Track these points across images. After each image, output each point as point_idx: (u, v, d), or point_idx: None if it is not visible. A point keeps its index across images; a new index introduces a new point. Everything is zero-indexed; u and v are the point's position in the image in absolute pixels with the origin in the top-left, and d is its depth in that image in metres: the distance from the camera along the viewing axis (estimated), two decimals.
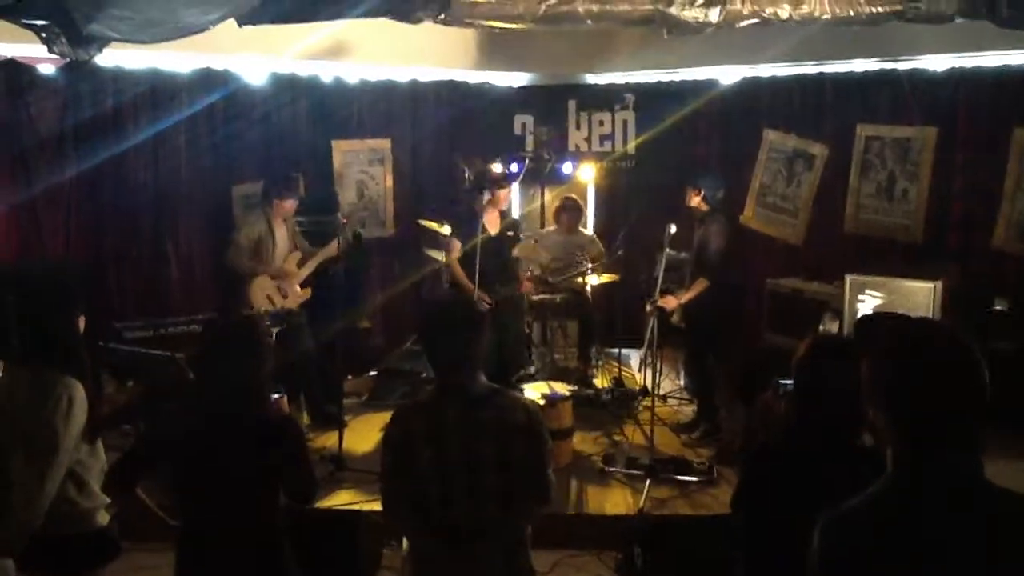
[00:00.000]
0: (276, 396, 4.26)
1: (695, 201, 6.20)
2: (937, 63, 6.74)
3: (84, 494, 3.10)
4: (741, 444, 5.77)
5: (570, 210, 7.62)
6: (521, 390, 5.78)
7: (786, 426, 2.90)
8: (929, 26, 5.48)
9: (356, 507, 5.07)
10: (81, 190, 6.20)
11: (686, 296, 6.16)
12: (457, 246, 6.68)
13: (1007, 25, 5.06)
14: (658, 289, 6.07)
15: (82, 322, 3.18)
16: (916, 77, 6.88)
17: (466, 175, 7.28)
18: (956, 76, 6.68)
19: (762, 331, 7.08)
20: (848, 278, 6.20)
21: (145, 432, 3.04)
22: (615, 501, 5.35)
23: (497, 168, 6.97)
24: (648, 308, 6.40)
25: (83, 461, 3.11)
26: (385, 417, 6.60)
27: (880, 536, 1.75)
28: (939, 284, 5.87)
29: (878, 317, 3.01)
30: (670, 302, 6.21)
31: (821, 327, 5.94)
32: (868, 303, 6.07)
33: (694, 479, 5.54)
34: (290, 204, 6.31)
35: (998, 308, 6.06)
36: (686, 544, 4.60)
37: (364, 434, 6.16)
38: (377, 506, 4.96)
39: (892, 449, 1.84)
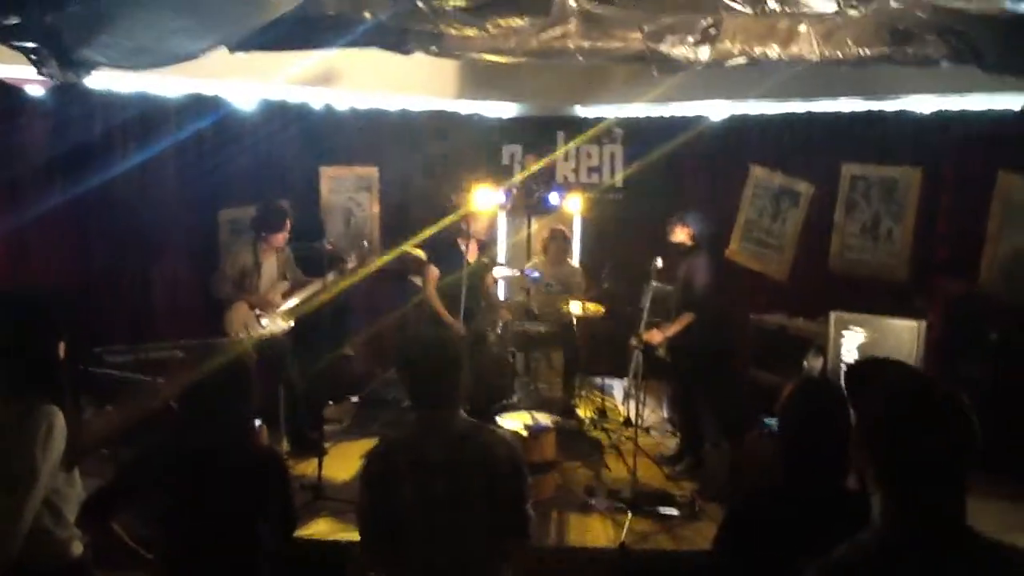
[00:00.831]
0: (257, 424, 4.22)
1: (681, 236, 6.23)
2: (923, 105, 6.81)
3: (60, 524, 3.04)
4: (725, 481, 5.77)
5: (557, 240, 7.64)
6: (495, 420, 5.75)
7: (771, 467, 2.90)
8: (916, 68, 5.56)
9: (334, 537, 5.02)
10: (68, 213, 6.15)
11: (671, 330, 6.18)
12: (434, 275, 6.69)
13: (993, 70, 5.12)
14: (644, 322, 6.07)
15: (62, 347, 3.13)
16: (902, 118, 6.95)
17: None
18: (942, 118, 6.74)
19: (747, 366, 7.09)
20: (833, 315, 6.22)
21: (125, 463, 2.99)
22: (596, 534, 5.32)
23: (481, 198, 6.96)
24: (633, 341, 6.41)
25: (60, 490, 3.04)
26: (366, 445, 6.55)
27: None
28: (923, 323, 5.90)
29: (869, 365, 3.01)
30: (655, 336, 6.22)
31: (805, 363, 5.94)
32: (852, 340, 6.08)
33: (676, 513, 5.51)
34: (280, 238, 6.32)
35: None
36: None
37: (344, 462, 6.10)
38: (356, 536, 4.96)
39: (880, 498, 1.84)
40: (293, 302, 6.37)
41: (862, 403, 1.90)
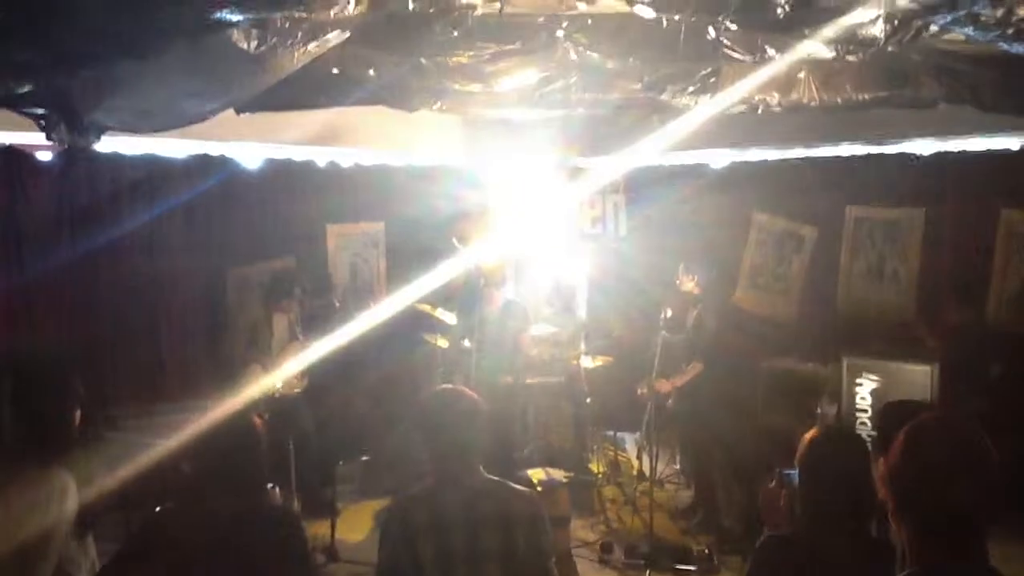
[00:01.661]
0: (269, 487, 4.19)
1: (689, 286, 6.22)
2: (923, 147, 6.85)
3: None
4: (743, 533, 5.69)
5: (562, 294, 7.64)
6: (527, 476, 5.67)
7: (790, 517, 2.86)
8: (915, 111, 5.62)
9: None
10: (77, 275, 6.17)
11: (682, 380, 6.13)
12: (460, 331, 6.63)
13: (990, 110, 5.17)
14: (655, 372, 6.03)
15: (78, 413, 3.12)
16: (903, 160, 6.99)
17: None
18: (943, 159, 6.78)
19: (758, 413, 7.03)
20: (845, 361, 6.18)
21: (138, 529, 2.95)
22: None
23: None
24: (641, 391, 6.35)
25: (73, 558, 3.01)
26: (378, 505, 6.52)
27: None
28: (936, 367, 5.86)
29: (902, 406, 3.00)
30: (664, 386, 6.18)
31: (819, 411, 5.90)
32: (866, 387, 6.04)
33: (694, 568, 5.43)
34: (289, 304, 6.37)
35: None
36: None
37: (357, 523, 6.05)
38: None
39: (908, 545, 1.82)
40: (305, 361, 6.34)
41: (894, 443, 1.88)
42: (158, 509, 3.00)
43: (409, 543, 2.81)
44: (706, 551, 5.59)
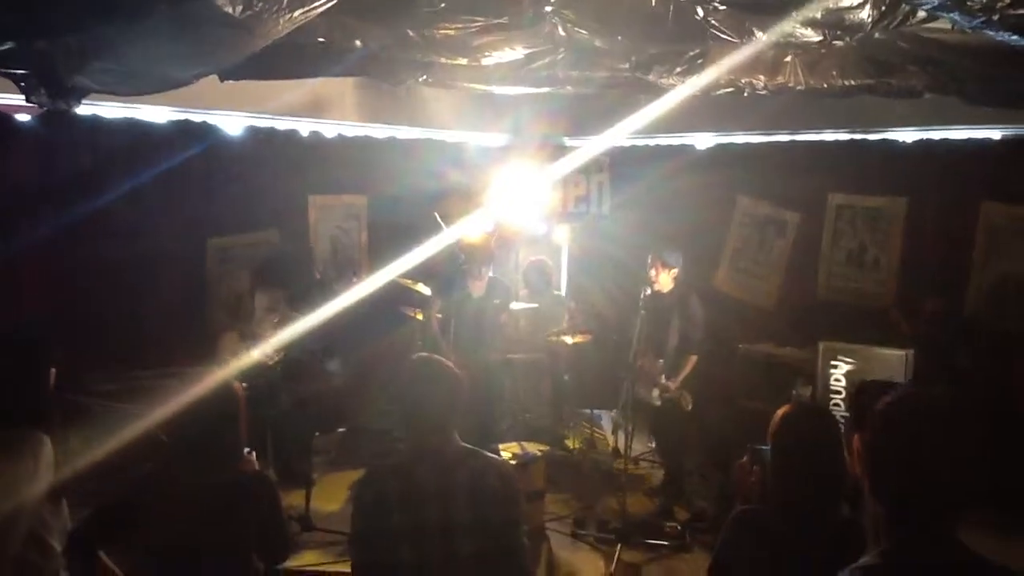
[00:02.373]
0: (246, 452, 4.19)
1: (665, 279, 6.20)
2: (907, 135, 6.89)
3: (45, 555, 2.99)
4: (716, 510, 5.75)
5: (539, 271, 7.65)
6: (497, 451, 5.71)
7: (762, 492, 2.90)
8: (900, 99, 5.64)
9: (323, 568, 4.96)
10: (56, 239, 6.10)
11: (681, 376, 6.13)
12: (437, 305, 6.64)
13: (974, 102, 5.20)
14: (633, 351, 6.04)
15: (52, 375, 3.11)
16: (886, 148, 7.02)
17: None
18: (925, 148, 6.82)
19: (736, 396, 7.08)
20: (821, 345, 6.25)
21: (113, 494, 2.95)
22: (586, 565, 5.29)
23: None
24: (642, 390, 6.28)
25: (46, 521, 3.00)
26: (353, 476, 6.53)
27: None
28: (910, 352, 5.93)
29: (874, 387, 3.03)
30: (671, 387, 6.13)
31: (794, 393, 5.96)
32: (841, 369, 6.11)
33: (666, 543, 5.48)
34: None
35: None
36: None
37: (332, 493, 6.06)
38: (344, 567, 4.90)
39: (882, 522, 1.83)
40: (284, 333, 6.32)
41: (869, 424, 1.89)
42: (134, 475, 2.99)
43: (382, 513, 2.82)
44: (678, 527, 5.65)
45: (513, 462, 5.59)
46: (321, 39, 4.74)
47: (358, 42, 4.85)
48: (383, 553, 2.81)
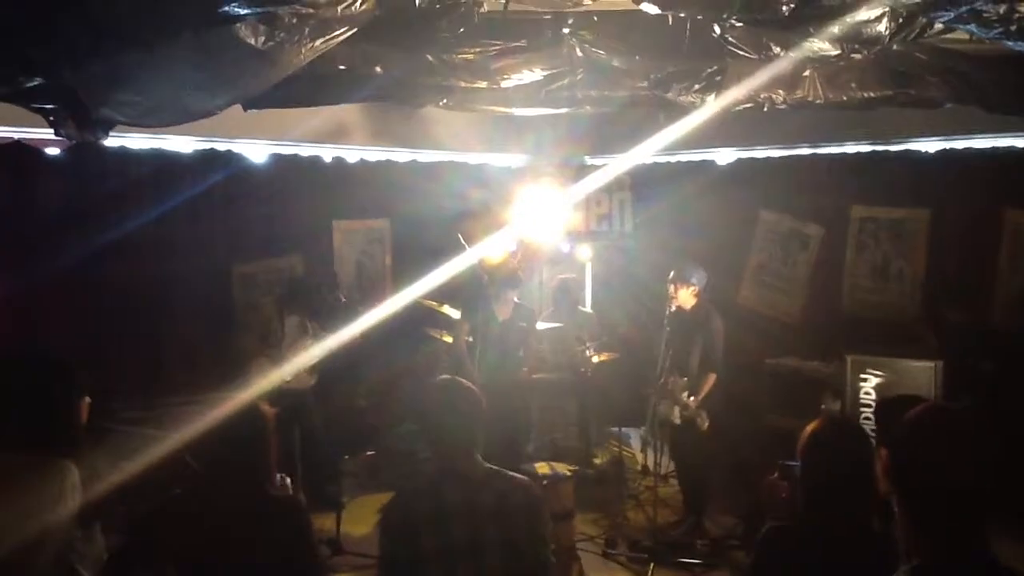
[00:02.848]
0: (280, 477, 4.24)
1: (685, 296, 6.13)
2: (928, 145, 6.85)
3: None
4: (746, 527, 5.70)
5: (568, 290, 7.64)
6: (532, 471, 5.68)
7: (792, 508, 2.88)
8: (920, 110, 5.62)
9: None
10: (83, 269, 6.19)
11: (702, 394, 6.06)
12: (466, 328, 6.64)
13: (995, 111, 5.18)
14: (660, 368, 6.02)
15: (86, 405, 3.14)
16: (908, 159, 6.99)
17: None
18: (947, 158, 6.78)
19: (763, 412, 7.04)
20: (849, 358, 6.19)
21: (143, 521, 2.98)
22: None
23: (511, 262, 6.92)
24: (655, 401, 6.24)
25: (77, 548, 3.02)
26: (383, 499, 6.55)
27: None
28: (939, 364, 5.87)
29: (900, 399, 3.00)
30: (692, 406, 6.08)
31: (823, 407, 5.89)
32: (870, 383, 6.05)
33: (698, 561, 5.44)
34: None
35: None
36: None
37: (362, 516, 6.07)
38: None
39: (912, 537, 1.83)
40: (315, 355, 6.36)
41: (893, 435, 1.89)
42: (163, 501, 3.02)
43: (410, 535, 2.83)
44: (710, 545, 5.61)
45: (544, 483, 5.57)
46: (342, 66, 4.80)
47: (378, 68, 4.91)
48: (412, 575, 2.82)
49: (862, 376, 6.11)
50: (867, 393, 6.06)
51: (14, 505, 2.84)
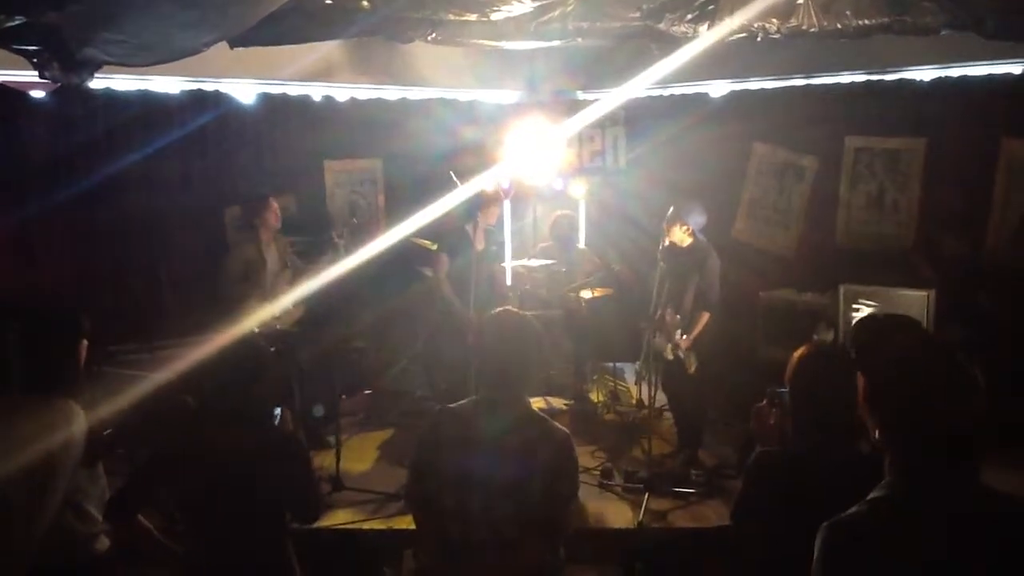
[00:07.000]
0: (278, 412, 4.28)
1: (679, 235, 6.10)
2: (924, 74, 6.78)
3: (83, 521, 3.07)
4: (740, 457, 5.77)
5: (565, 225, 7.62)
6: None
7: (781, 434, 2.92)
8: (916, 38, 5.55)
9: (354, 526, 5.05)
10: (73, 213, 6.17)
11: (695, 333, 6.06)
12: (445, 262, 6.66)
13: (993, 37, 5.11)
14: (653, 303, 6.04)
15: (85, 348, 3.16)
16: (903, 88, 6.92)
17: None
18: (943, 86, 6.71)
19: (757, 345, 7.08)
20: (842, 288, 6.23)
21: (144, 459, 3.02)
22: (614, 515, 5.34)
23: (489, 186, 6.92)
24: (649, 335, 6.25)
25: (82, 487, 3.07)
26: (382, 437, 6.63)
27: (881, 544, 1.76)
28: (932, 293, 5.90)
29: (876, 323, 3.02)
30: (684, 344, 6.09)
31: (815, 337, 5.93)
32: (863, 312, 6.08)
33: (692, 491, 5.53)
34: (272, 217, 6.32)
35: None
36: (687, 557, 4.60)
37: (361, 454, 6.14)
38: (376, 525, 5.00)
39: (889, 458, 1.86)
40: (300, 291, 6.35)
41: (870, 365, 1.90)
42: (163, 441, 3.05)
43: (434, 447, 2.88)
44: (704, 475, 5.68)
45: None
46: (329, 1, 4.73)
47: (366, 3, 4.83)
48: (430, 490, 2.87)
49: (854, 306, 6.15)
50: None
51: (18, 438, 2.87)
